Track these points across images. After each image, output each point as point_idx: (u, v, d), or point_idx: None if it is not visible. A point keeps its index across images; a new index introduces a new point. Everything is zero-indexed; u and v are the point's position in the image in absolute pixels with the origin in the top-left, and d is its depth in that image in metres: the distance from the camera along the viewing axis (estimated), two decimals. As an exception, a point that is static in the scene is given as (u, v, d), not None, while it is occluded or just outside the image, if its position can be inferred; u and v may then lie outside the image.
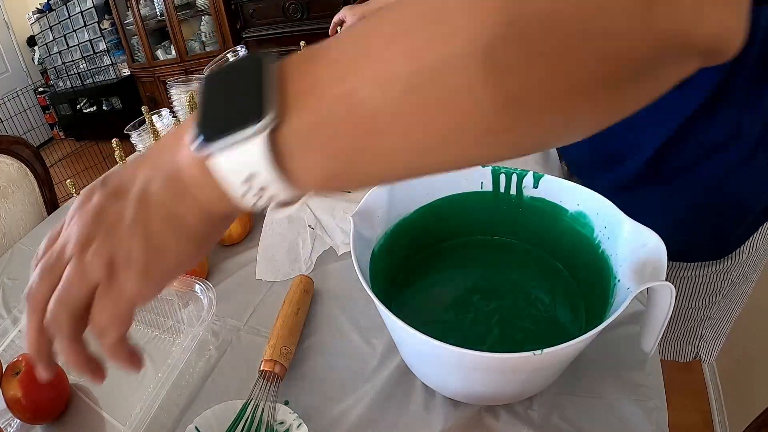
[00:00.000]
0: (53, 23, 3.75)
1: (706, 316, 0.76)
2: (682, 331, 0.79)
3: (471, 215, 0.54)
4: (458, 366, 0.39)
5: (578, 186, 0.48)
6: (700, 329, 0.78)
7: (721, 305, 0.75)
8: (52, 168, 3.02)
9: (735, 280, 0.71)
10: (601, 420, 0.43)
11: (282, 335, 0.50)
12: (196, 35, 3.30)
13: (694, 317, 0.76)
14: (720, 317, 0.77)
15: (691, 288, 0.72)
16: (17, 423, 0.49)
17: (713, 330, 0.79)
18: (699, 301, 0.73)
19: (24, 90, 4.01)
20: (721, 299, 0.73)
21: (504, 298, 0.50)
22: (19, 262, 0.76)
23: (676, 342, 0.81)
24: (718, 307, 0.75)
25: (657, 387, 0.45)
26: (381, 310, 0.38)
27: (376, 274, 0.46)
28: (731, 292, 0.73)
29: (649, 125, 0.60)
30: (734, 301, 0.75)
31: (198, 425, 0.44)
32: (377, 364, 0.50)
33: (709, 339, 0.80)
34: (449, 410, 0.45)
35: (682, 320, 0.77)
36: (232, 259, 0.68)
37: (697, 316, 0.76)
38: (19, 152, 0.91)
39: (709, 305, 0.74)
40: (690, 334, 0.79)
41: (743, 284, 0.73)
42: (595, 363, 0.47)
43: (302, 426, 0.43)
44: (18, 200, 0.90)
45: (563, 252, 0.51)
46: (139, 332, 0.58)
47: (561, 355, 0.37)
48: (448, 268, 0.55)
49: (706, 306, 0.74)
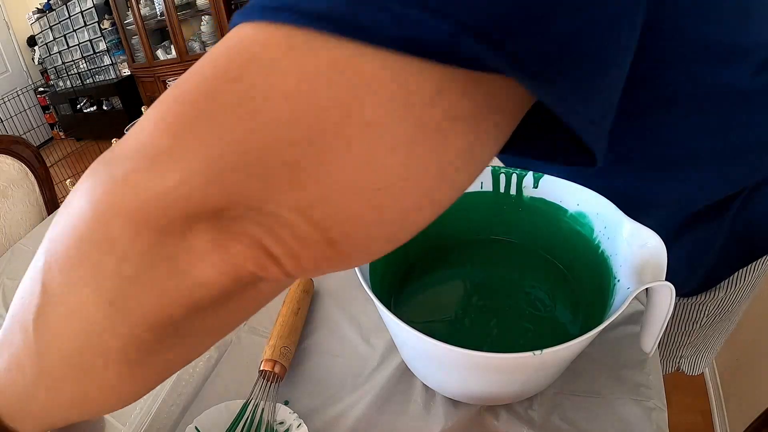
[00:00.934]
0: (53, 23, 3.75)
1: (684, 342, 0.74)
2: (660, 348, 0.78)
3: (471, 215, 0.54)
4: (458, 366, 0.39)
5: (578, 186, 0.48)
6: (680, 351, 0.76)
7: (699, 334, 0.72)
8: (52, 168, 3.03)
9: (713, 313, 0.68)
10: (601, 420, 0.43)
11: (282, 335, 0.50)
12: (196, 35, 3.30)
13: (672, 340, 0.74)
14: (699, 344, 0.75)
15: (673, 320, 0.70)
16: (17, 423, 0.49)
17: (691, 350, 0.77)
18: (675, 326, 0.71)
19: (24, 90, 4.01)
20: (699, 329, 0.71)
21: (504, 298, 0.50)
22: (19, 262, 0.76)
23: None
24: (696, 335, 0.73)
25: (657, 387, 0.45)
26: (381, 310, 0.38)
27: (376, 274, 0.46)
28: (709, 324, 0.70)
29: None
30: (716, 330, 0.73)
31: (198, 425, 0.44)
32: (377, 364, 0.50)
33: (687, 357, 0.78)
34: (449, 410, 0.45)
35: (661, 346, 0.74)
36: (232, 259, 0.68)
37: (675, 340, 0.74)
38: (19, 152, 0.91)
39: (687, 332, 0.72)
40: (669, 355, 0.77)
41: (725, 321, 0.70)
42: (595, 363, 0.47)
43: (302, 426, 0.43)
44: (18, 200, 0.90)
45: (563, 252, 0.51)
46: (139, 332, 0.58)
47: (561, 355, 0.37)
48: (448, 268, 0.55)
49: (683, 332, 0.72)
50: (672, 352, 0.77)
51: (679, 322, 0.70)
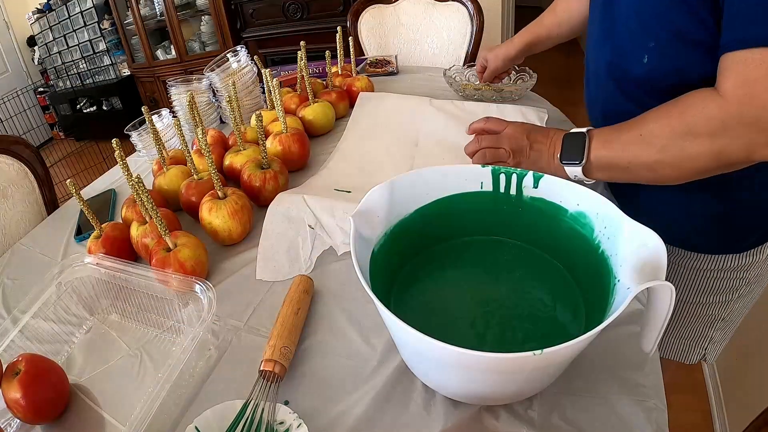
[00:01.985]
0: (53, 23, 3.75)
1: (719, 317, 0.75)
2: (692, 329, 0.78)
3: (471, 215, 0.54)
4: (458, 366, 0.39)
5: (578, 186, 0.48)
6: (711, 331, 0.77)
7: (735, 307, 0.74)
8: (52, 168, 3.03)
9: (752, 281, 0.71)
10: (601, 420, 0.43)
11: (282, 335, 0.50)
12: (196, 35, 3.30)
13: (707, 315, 0.75)
14: (732, 320, 0.76)
15: (706, 281, 0.71)
16: (17, 423, 0.49)
17: (723, 332, 0.78)
18: (714, 296, 0.72)
19: (24, 90, 4.01)
20: (737, 299, 0.73)
21: (504, 298, 0.50)
22: (19, 262, 0.76)
23: (685, 341, 0.80)
24: (731, 309, 0.74)
25: (657, 387, 0.45)
26: (381, 310, 0.38)
27: (376, 274, 0.46)
28: (745, 294, 0.72)
29: None
30: (746, 304, 0.75)
31: (198, 425, 0.44)
32: (377, 364, 0.50)
33: (717, 341, 0.79)
34: (449, 410, 0.45)
35: (694, 317, 0.76)
36: (232, 259, 0.68)
37: (710, 315, 0.75)
38: (19, 152, 0.91)
39: (724, 303, 0.73)
40: (700, 336, 0.78)
41: (758, 288, 0.73)
42: (595, 363, 0.47)
43: (302, 426, 0.43)
44: (18, 200, 0.90)
45: (563, 252, 0.51)
46: (139, 332, 0.58)
47: (561, 355, 0.37)
48: (448, 268, 0.55)
49: (721, 304, 0.73)
50: (704, 334, 0.78)
51: (718, 292, 0.72)
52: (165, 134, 0.94)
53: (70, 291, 0.59)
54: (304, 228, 0.68)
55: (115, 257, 0.60)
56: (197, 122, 0.79)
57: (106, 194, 0.91)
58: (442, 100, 0.99)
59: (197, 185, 0.73)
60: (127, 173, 0.62)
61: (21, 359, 0.49)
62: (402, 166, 0.82)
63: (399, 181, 0.50)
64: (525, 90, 1.01)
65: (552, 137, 0.63)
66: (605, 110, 0.68)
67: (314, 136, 0.98)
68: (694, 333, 0.79)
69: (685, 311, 0.77)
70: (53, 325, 0.57)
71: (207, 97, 1.06)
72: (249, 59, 1.06)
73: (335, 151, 0.90)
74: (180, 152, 0.87)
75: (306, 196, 0.71)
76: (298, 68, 0.99)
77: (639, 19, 0.57)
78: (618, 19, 0.61)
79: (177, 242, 0.62)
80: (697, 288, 0.73)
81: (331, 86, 1.07)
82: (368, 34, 1.60)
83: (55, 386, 0.50)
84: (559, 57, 3.84)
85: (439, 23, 1.54)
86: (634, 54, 0.58)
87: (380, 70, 1.31)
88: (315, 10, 2.77)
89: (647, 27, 0.56)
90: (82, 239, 0.78)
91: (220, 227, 0.67)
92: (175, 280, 0.55)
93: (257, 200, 0.76)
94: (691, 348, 0.81)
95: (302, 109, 0.97)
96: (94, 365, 0.55)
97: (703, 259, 0.70)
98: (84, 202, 0.65)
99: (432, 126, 0.92)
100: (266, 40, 2.97)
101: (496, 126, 0.67)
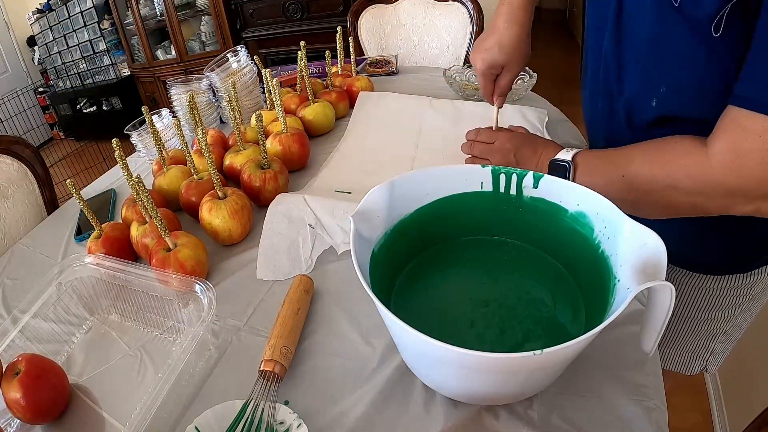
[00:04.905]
0: (53, 23, 3.75)
1: (720, 330, 0.74)
2: (694, 342, 0.77)
3: (471, 215, 0.54)
4: (458, 366, 0.39)
5: (578, 186, 0.48)
6: (713, 343, 0.77)
7: (737, 320, 0.73)
8: (52, 168, 3.03)
9: (756, 296, 0.69)
10: (601, 420, 0.43)
11: (282, 335, 0.50)
12: (196, 35, 3.30)
13: (709, 330, 0.74)
14: (734, 333, 0.76)
15: (710, 299, 0.70)
16: (17, 423, 0.49)
17: (724, 344, 0.77)
18: (717, 312, 0.71)
19: (24, 90, 4.01)
20: (740, 314, 0.72)
21: (504, 298, 0.50)
22: (19, 262, 0.76)
23: (686, 353, 0.79)
24: (734, 322, 0.73)
25: (657, 387, 0.45)
26: (381, 310, 0.38)
27: (376, 274, 0.46)
28: (748, 309, 0.71)
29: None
30: (749, 317, 0.74)
31: (198, 425, 0.44)
32: (377, 364, 0.50)
33: (718, 353, 0.78)
34: (449, 410, 0.45)
35: (696, 331, 0.75)
36: (232, 259, 0.68)
37: (712, 329, 0.74)
38: (19, 152, 0.91)
39: (726, 318, 0.72)
40: (701, 348, 0.77)
41: (761, 301, 0.72)
42: (595, 363, 0.47)
43: (302, 426, 0.43)
44: (18, 200, 0.90)
45: (563, 252, 0.51)
46: (139, 332, 0.58)
47: (561, 355, 0.37)
48: (448, 268, 0.55)
49: (723, 319, 0.72)
50: (705, 346, 0.77)
51: (721, 308, 0.71)
52: (165, 134, 0.94)
53: (70, 291, 0.59)
54: (304, 228, 0.68)
55: (115, 257, 0.60)
56: (197, 122, 0.79)
57: (106, 194, 0.91)
58: (442, 100, 0.99)
59: (197, 185, 0.73)
60: (127, 173, 0.62)
61: (21, 359, 0.49)
62: (402, 166, 0.82)
63: (399, 181, 0.50)
64: (525, 90, 1.01)
65: (540, 156, 0.62)
66: (608, 137, 0.65)
67: (314, 136, 0.98)
68: (695, 345, 0.78)
69: (687, 326, 0.76)
70: (53, 325, 0.57)
71: (207, 97, 1.06)
72: (249, 59, 1.06)
73: (335, 151, 0.90)
74: (180, 152, 0.87)
75: (306, 195, 0.71)
76: (298, 68, 0.99)
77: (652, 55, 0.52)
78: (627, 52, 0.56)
79: (177, 242, 0.62)
80: (700, 305, 0.72)
81: (331, 86, 1.07)
82: (368, 34, 1.60)
83: (55, 386, 0.50)
84: (559, 57, 3.84)
85: (439, 23, 1.54)
86: (642, 97, 0.55)
87: (380, 70, 1.31)
88: (315, 10, 2.77)
89: (660, 66, 0.52)
90: (82, 239, 0.78)
91: (220, 227, 0.67)
92: (175, 280, 0.55)
93: (257, 200, 0.76)
94: (693, 360, 0.80)
95: (302, 109, 0.97)
96: (94, 365, 0.55)
97: (709, 279, 0.68)
98: (84, 202, 0.65)
99: (432, 126, 0.92)
100: (266, 40, 2.97)
101: (487, 139, 0.68)
